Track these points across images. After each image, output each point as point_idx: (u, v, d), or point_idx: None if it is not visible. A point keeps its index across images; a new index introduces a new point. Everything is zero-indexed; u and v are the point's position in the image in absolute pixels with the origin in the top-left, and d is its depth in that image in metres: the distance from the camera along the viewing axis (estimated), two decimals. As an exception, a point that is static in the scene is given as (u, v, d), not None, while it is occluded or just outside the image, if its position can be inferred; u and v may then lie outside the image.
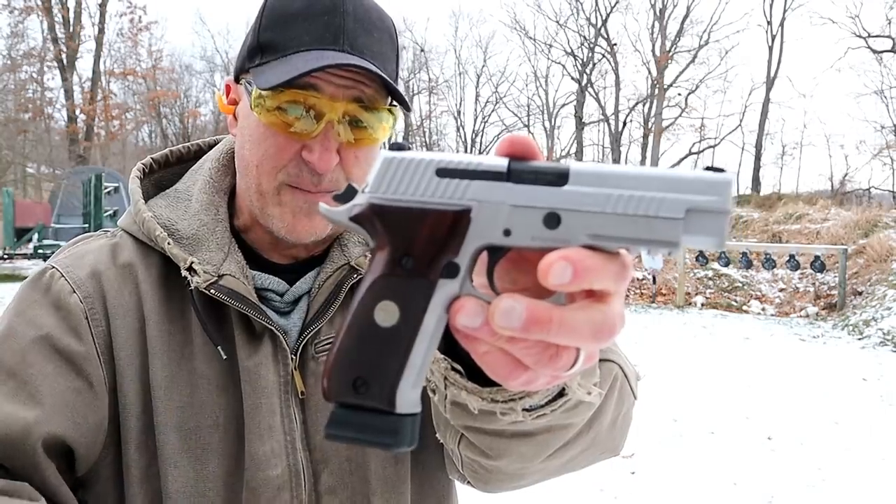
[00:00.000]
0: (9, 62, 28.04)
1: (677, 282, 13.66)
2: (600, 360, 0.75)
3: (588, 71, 33.30)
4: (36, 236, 19.09)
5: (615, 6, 32.07)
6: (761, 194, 26.34)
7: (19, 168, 26.55)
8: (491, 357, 0.46)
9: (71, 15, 30.16)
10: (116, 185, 20.33)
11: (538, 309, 0.42)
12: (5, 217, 18.52)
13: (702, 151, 32.90)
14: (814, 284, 13.40)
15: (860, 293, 12.05)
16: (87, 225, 17.15)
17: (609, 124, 33.66)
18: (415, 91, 36.67)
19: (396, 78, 0.91)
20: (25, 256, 18.25)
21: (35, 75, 30.23)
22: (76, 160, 27.99)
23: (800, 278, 13.78)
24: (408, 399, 0.45)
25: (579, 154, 34.06)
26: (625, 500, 4.36)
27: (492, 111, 38.01)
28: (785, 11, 29.41)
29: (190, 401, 0.87)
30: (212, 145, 1.06)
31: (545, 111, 36.33)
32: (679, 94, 32.47)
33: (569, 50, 33.69)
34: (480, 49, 45.19)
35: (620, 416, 0.82)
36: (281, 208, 0.89)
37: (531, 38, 35.08)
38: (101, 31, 31.27)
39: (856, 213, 15.72)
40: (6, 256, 18.05)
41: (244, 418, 0.87)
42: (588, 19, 33.17)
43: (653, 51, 31.95)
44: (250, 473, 0.86)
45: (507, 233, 0.44)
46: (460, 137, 38.02)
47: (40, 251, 17.82)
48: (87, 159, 29.81)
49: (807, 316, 12.35)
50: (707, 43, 31.40)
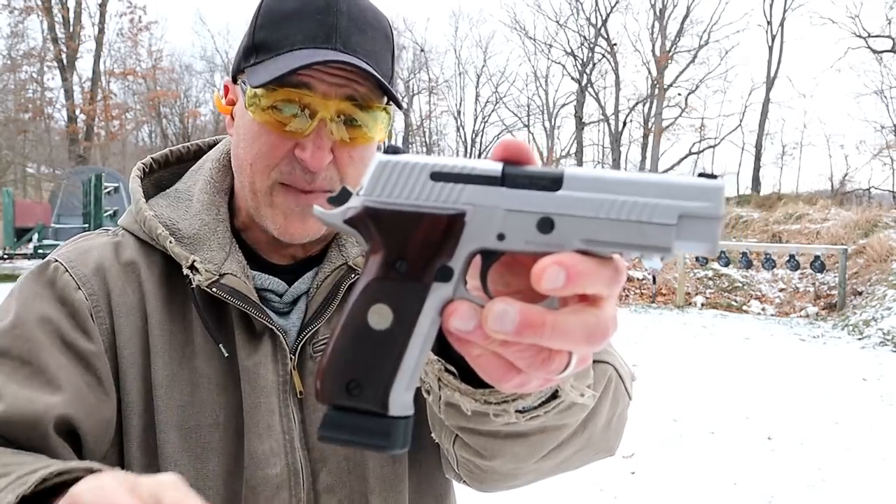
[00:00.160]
0: (9, 62, 28.04)
1: (677, 282, 13.66)
2: (595, 362, 0.75)
3: (588, 71, 33.28)
4: (36, 236, 19.11)
5: (615, 6, 32.08)
6: (761, 194, 26.33)
7: (19, 168, 26.55)
8: (484, 360, 0.46)
9: (71, 15, 30.15)
10: (116, 185, 20.32)
11: (531, 313, 0.42)
12: (5, 217, 18.52)
13: (702, 151, 32.90)
14: (814, 284, 13.39)
15: (860, 293, 12.04)
16: (87, 225, 17.15)
17: (609, 124, 33.64)
18: (415, 91, 36.51)
19: (392, 77, 0.91)
20: (25, 256, 18.26)
21: (35, 75, 30.25)
22: (76, 160, 27.97)
23: (800, 278, 13.77)
24: (401, 402, 0.45)
25: (579, 154, 34.04)
26: (625, 500, 4.36)
27: (492, 111, 38.00)
28: (785, 11, 29.42)
29: (190, 400, 0.88)
30: (211, 145, 1.06)
31: (545, 111, 36.33)
32: (679, 94, 32.50)
33: (569, 50, 33.69)
34: (480, 49, 45.08)
35: (615, 417, 0.82)
36: (273, 210, 0.89)
37: (531, 38, 35.08)
38: (101, 31, 31.29)
39: (856, 213, 15.71)
40: (6, 256, 18.05)
41: (244, 417, 0.88)
42: (588, 19, 33.18)
43: (653, 51, 31.93)
44: (249, 472, 0.87)
45: (501, 237, 0.45)
46: (460, 137, 37.94)
47: (40, 251, 17.84)
48: (87, 159, 29.79)
49: (807, 316, 12.34)
50: (707, 43, 31.42)
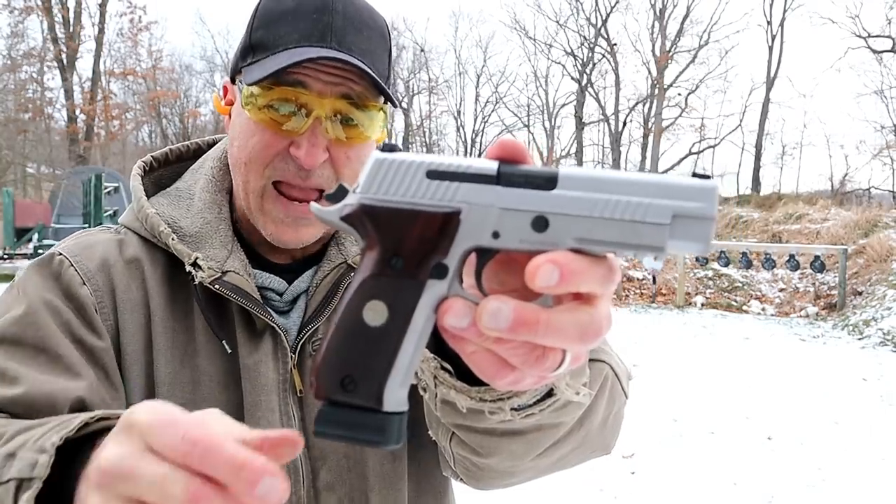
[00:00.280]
0: (9, 62, 28.05)
1: (677, 282, 13.66)
2: (591, 361, 0.76)
3: (588, 71, 33.27)
4: (36, 236, 19.08)
5: (615, 6, 32.07)
6: (761, 194, 26.30)
7: (19, 168, 26.56)
8: (478, 357, 0.46)
9: (71, 15, 30.15)
10: (116, 185, 20.30)
11: (525, 311, 0.43)
12: (5, 217, 18.51)
13: (702, 151, 32.89)
14: (814, 284, 13.39)
15: (860, 293, 12.04)
16: (88, 225, 17.14)
17: (609, 124, 33.64)
18: (415, 91, 36.52)
19: (388, 76, 0.92)
20: (25, 256, 18.24)
21: (35, 75, 30.24)
22: (76, 160, 27.97)
23: (800, 278, 13.77)
24: (395, 397, 0.46)
25: (579, 154, 34.03)
26: (625, 500, 4.36)
27: (492, 111, 38.00)
28: (785, 11, 29.40)
29: (192, 397, 0.88)
30: (211, 144, 1.07)
31: (545, 111, 36.33)
32: (679, 94, 32.47)
33: (569, 50, 33.68)
34: (480, 49, 45.00)
35: (611, 416, 0.83)
36: (264, 216, 0.90)
37: (531, 38, 35.06)
38: (101, 31, 31.27)
39: (856, 213, 15.71)
40: (6, 256, 18.04)
41: (244, 415, 0.88)
42: (588, 19, 33.17)
43: (653, 51, 31.93)
44: None
45: (496, 235, 0.45)
46: (460, 137, 37.95)
47: (40, 251, 17.78)
48: (87, 159, 29.78)
49: (807, 316, 12.34)
50: (707, 43, 31.40)
